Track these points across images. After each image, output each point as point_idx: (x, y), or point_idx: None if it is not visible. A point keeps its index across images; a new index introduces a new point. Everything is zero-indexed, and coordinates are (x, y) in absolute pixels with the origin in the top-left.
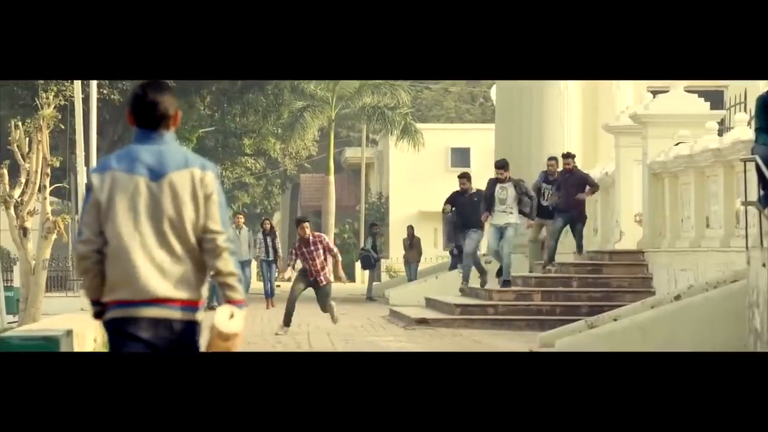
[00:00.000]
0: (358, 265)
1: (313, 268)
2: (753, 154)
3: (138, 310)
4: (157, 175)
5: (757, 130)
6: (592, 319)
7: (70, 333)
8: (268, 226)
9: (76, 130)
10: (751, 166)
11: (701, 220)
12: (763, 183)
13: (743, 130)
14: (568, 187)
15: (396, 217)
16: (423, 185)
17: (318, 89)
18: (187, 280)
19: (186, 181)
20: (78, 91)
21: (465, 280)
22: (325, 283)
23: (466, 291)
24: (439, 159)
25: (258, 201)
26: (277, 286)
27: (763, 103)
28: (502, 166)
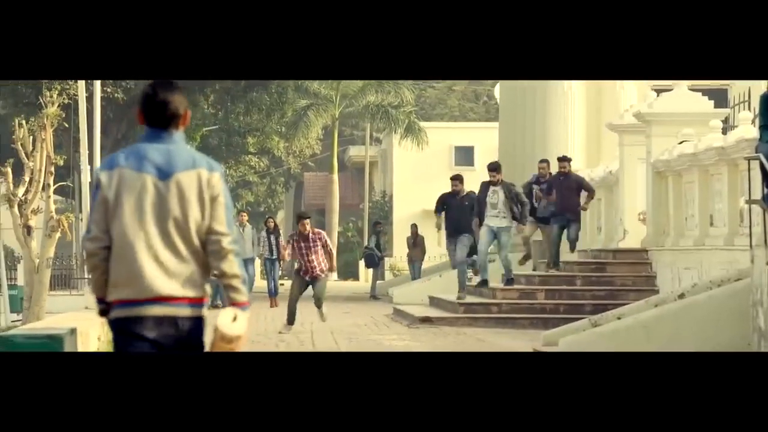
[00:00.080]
0: (361, 263)
1: (308, 264)
2: (757, 152)
3: (142, 309)
4: (164, 174)
5: (761, 128)
6: (595, 318)
7: (74, 331)
8: (272, 225)
9: (80, 129)
10: (755, 165)
11: (705, 218)
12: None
13: (747, 128)
14: (563, 190)
15: (400, 216)
16: (427, 184)
17: (322, 88)
18: (191, 279)
19: (193, 181)
20: (82, 90)
21: (461, 288)
22: (321, 275)
23: (464, 299)
24: (442, 157)
25: (262, 199)
26: (281, 285)
27: (767, 101)
28: (495, 168)
